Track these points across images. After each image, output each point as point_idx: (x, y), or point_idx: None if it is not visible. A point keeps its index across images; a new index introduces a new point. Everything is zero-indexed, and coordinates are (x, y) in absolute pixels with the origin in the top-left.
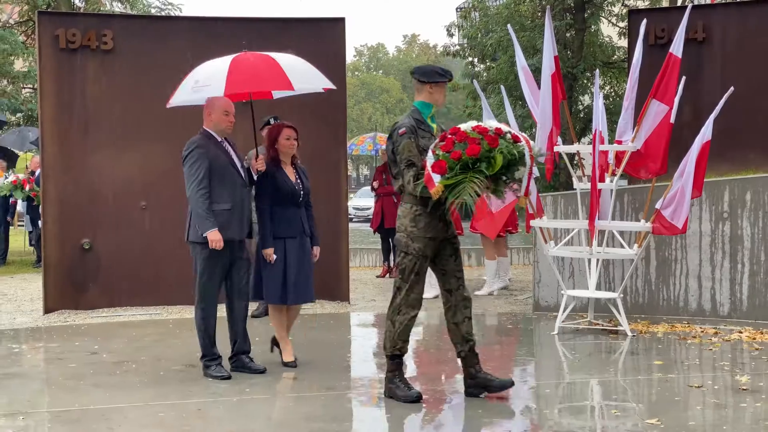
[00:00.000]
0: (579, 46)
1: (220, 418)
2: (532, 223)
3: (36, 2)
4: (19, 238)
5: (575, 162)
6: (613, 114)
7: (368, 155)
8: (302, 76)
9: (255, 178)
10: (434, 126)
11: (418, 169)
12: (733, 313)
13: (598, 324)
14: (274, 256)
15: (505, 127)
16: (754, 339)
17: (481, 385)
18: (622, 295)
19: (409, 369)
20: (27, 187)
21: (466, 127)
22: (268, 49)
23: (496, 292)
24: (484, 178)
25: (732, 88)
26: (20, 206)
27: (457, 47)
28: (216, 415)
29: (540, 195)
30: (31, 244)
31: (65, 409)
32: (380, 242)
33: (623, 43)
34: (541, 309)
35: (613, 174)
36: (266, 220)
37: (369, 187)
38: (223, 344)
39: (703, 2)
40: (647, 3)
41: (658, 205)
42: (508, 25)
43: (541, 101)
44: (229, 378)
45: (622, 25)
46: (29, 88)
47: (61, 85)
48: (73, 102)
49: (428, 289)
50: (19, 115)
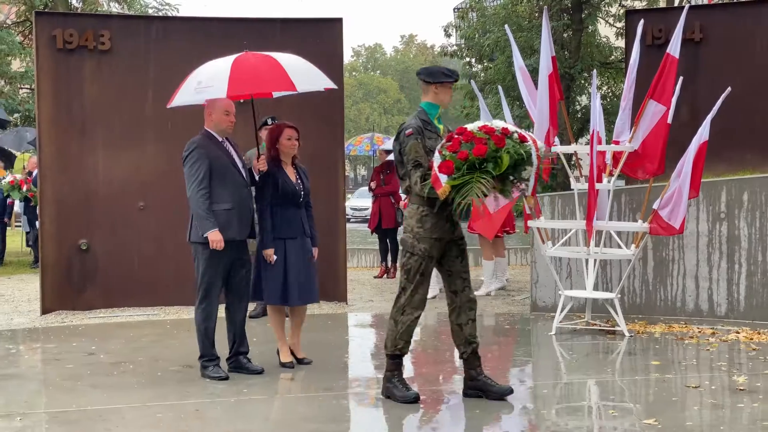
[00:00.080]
0: (576, 46)
1: (218, 419)
2: (530, 223)
3: (33, 2)
4: (16, 239)
5: (573, 162)
6: (610, 114)
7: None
8: (304, 76)
9: (257, 178)
10: (441, 127)
11: (425, 169)
12: (731, 314)
13: (596, 324)
14: (275, 257)
15: (512, 127)
16: (752, 339)
17: (480, 389)
18: (619, 296)
19: (407, 369)
20: (24, 188)
21: (473, 127)
22: (266, 49)
23: (494, 293)
24: (491, 178)
25: (729, 89)
26: (17, 207)
27: (455, 48)
28: (214, 415)
29: (537, 195)
30: (28, 245)
31: (63, 409)
32: (378, 243)
33: (620, 43)
34: (538, 309)
35: (611, 174)
36: (267, 220)
37: (366, 188)
38: (221, 345)
39: (700, 3)
40: (644, 3)
41: (655, 206)
42: (506, 26)
43: (538, 101)
44: (226, 379)
45: (620, 25)
46: (26, 89)
47: (59, 86)
48: (71, 102)
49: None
50: (16, 115)
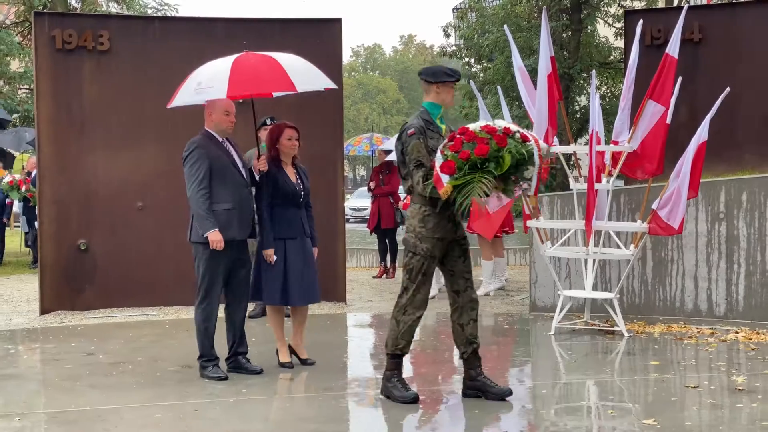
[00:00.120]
0: (575, 46)
1: (217, 419)
2: (529, 223)
3: (32, 3)
4: (15, 239)
5: (572, 162)
6: (609, 114)
7: (365, 156)
8: (304, 76)
9: (257, 178)
10: (443, 127)
11: (427, 169)
12: (730, 314)
13: (595, 324)
14: (275, 257)
15: (514, 127)
16: (750, 339)
17: (479, 389)
18: (618, 296)
19: (406, 369)
20: (23, 188)
21: (475, 126)
22: (266, 49)
23: (493, 293)
24: (493, 178)
25: (728, 89)
26: (17, 207)
27: (454, 48)
28: (213, 416)
29: (537, 196)
30: (27, 245)
31: (62, 410)
32: (377, 243)
33: (619, 43)
34: (537, 309)
35: (610, 174)
36: (266, 220)
37: (366, 188)
38: (220, 345)
39: (699, 3)
40: (643, 3)
41: (654, 206)
42: (505, 26)
43: (537, 102)
44: (225, 379)
45: (619, 25)
46: (25, 89)
47: (58, 86)
48: (70, 103)
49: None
50: (15, 115)
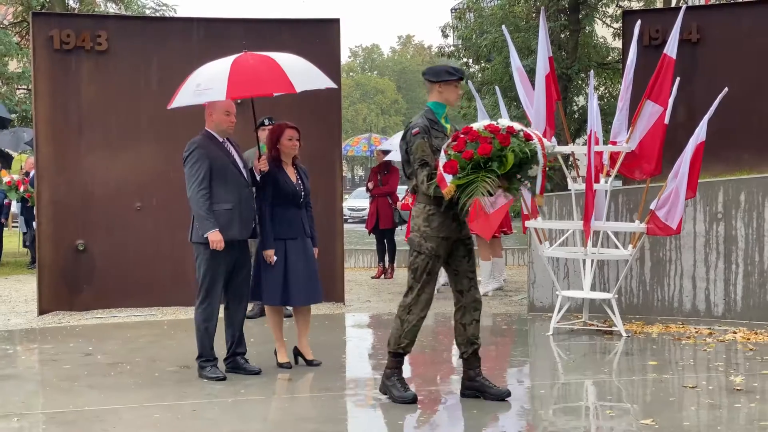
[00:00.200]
0: (573, 47)
1: (215, 420)
2: (527, 223)
3: (30, 3)
4: (13, 240)
5: (570, 163)
6: (607, 115)
7: (363, 156)
8: (303, 76)
9: (258, 178)
10: (448, 126)
11: (431, 168)
12: (728, 314)
13: (593, 325)
14: (275, 258)
15: (518, 126)
16: (749, 339)
17: (478, 390)
18: (616, 296)
19: (405, 369)
20: (21, 188)
21: (478, 126)
22: (264, 49)
23: (491, 293)
24: (496, 177)
25: (726, 89)
26: (15, 207)
27: (452, 48)
28: (211, 416)
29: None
30: (25, 246)
31: (60, 410)
32: (375, 243)
33: (618, 44)
34: (535, 310)
35: (608, 175)
36: (267, 221)
37: (364, 188)
38: (218, 345)
39: (698, 3)
40: (641, 4)
41: (652, 206)
42: (503, 26)
43: (535, 102)
44: (224, 379)
45: (617, 26)
46: (23, 89)
47: (56, 86)
48: (68, 103)
49: None
50: (13, 116)
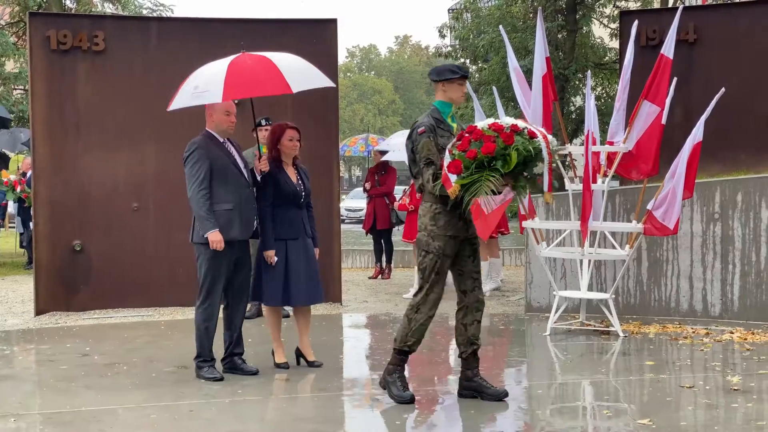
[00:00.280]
0: (571, 47)
1: (213, 420)
2: (525, 224)
3: (27, 3)
4: (10, 240)
5: (567, 163)
6: (604, 115)
7: (360, 156)
8: (300, 76)
9: (258, 178)
10: (455, 125)
11: (436, 167)
12: (725, 314)
13: (590, 325)
14: (275, 258)
15: (522, 123)
16: (746, 339)
17: (475, 390)
18: (613, 296)
19: None
20: (18, 189)
21: (483, 125)
22: (261, 50)
23: (489, 293)
24: (501, 176)
25: (723, 89)
26: (11, 208)
27: (449, 48)
28: (208, 416)
29: (532, 196)
30: (22, 246)
31: (57, 411)
32: (372, 243)
33: (615, 44)
34: (533, 310)
35: (605, 175)
36: (268, 221)
37: (361, 189)
38: (216, 345)
39: (695, 3)
40: (638, 4)
41: (649, 206)
42: (500, 27)
43: (532, 102)
44: (221, 379)
45: (614, 26)
46: (20, 90)
47: (53, 87)
48: (64, 103)
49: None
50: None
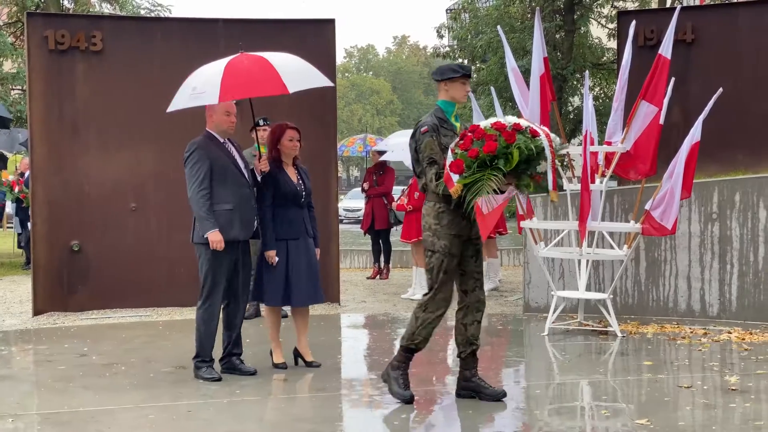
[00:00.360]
0: (568, 47)
1: (211, 420)
2: (523, 224)
3: (25, 3)
4: (8, 240)
5: (565, 163)
6: (602, 115)
7: (359, 157)
8: (298, 76)
9: (259, 179)
10: (458, 125)
11: (439, 167)
12: (723, 314)
13: (588, 325)
14: (276, 258)
15: (524, 122)
16: (743, 339)
17: (473, 390)
18: (611, 296)
19: None
20: (16, 189)
21: (485, 124)
22: (259, 50)
23: (487, 294)
24: (503, 175)
25: (721, 89)
26: (9, 208)
27: (447, 49)
28: (206, 416)
29: (531, 196)
30: (20, 246)
31: (55, 411)
32: (371, 244)
33: (612, 44)
34: (531, 310)
35: (603, 175)
36: (268, 221)
37: (359, 189)
38: (214, 345)
39: (692, 3)
40: (636, 4)
41: (647, 206)
42: (498, 27)
43: (530, 102)
44: (219, 380)
45: (612, 26)
46: (18, 90)
47: (50, 87)
48: (63, 103)
49: (419, 290)
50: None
